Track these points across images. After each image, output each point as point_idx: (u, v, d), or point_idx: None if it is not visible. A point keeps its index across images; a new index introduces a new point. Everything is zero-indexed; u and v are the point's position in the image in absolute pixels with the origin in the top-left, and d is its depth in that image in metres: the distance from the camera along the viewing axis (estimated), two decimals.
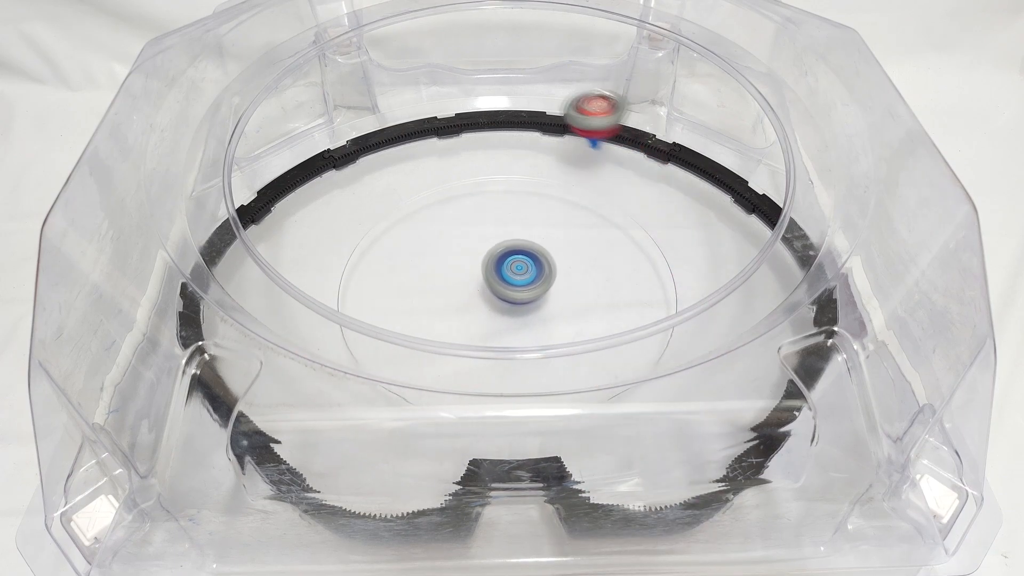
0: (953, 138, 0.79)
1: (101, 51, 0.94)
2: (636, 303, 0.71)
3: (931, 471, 0.50)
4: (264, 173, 0.80)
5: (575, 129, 0.79)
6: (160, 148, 0.63)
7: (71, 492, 0.47)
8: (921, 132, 0.56)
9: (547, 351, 0.51)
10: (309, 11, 0.78)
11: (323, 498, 0.50)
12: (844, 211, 0.61)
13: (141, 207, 0.58)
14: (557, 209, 0.79)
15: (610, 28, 0.85)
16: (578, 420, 0.53)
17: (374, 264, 0.74)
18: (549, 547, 0.50)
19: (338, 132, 0.85)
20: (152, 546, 0.48)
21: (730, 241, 0.76)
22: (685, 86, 0.85)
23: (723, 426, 0.56)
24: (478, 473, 0.50)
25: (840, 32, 0.69)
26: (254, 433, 0.52)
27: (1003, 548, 0.57)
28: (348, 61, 0.82)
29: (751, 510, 0.51)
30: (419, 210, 0.79)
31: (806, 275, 0.57)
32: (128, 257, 0.57)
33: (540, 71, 0.88)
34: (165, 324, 0.57)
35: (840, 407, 0.54)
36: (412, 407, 0.55)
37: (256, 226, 0.77)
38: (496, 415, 0.52)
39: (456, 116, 0.86)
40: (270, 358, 0.52)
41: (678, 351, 0.63)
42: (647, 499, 0.50)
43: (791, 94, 0.71)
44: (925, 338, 0.52)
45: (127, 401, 0.53)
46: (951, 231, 0.50)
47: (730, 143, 0.82)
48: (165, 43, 0.68)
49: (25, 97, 0.95)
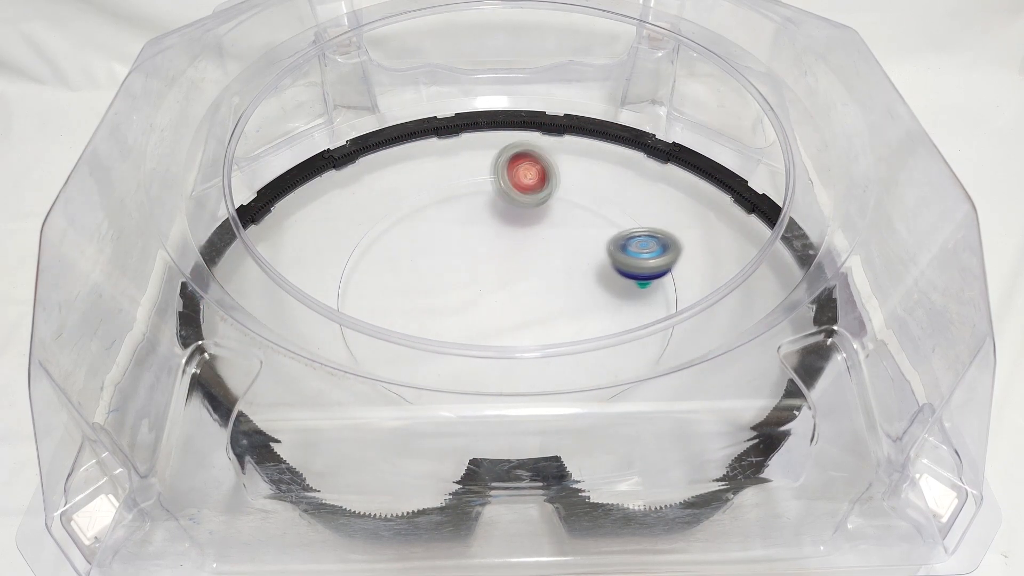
0: (953, 138, 0.79)
1: (101, 51, 0.94)
2: (636, 303, 0.71)
3: (931, 470, 0.50)
4: (264, 173, 0.80)
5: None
6: (160, 148, 0.63)
7: (71, 492, 0.47)
8: (921, 132, 0.56)
9: (547, 351, 0.51)
10: (309, 11, 0.78)
11: (323, 497, 0.50)
12: (844, 211, 0.61)
13: (141, 207, 0.58)
14: (557, 209, 0.79)
15: (610, 28, 0.86)
16: (578, 419, 0.53)
17: (374, 264, 0.74)
18: (549, 546, 0.50)
19: (338, 132, 0.85)
20: (152, 545, 0.48)
21: (730, 241, 0.76)
22: (685, 86, 0.85)
23: (723, 425, 0.56)
24: (478, 472, 0.50)
25: (840, 32, 0.69)
26: (254, 432, 0.52)
27: (1003, 547, 0.57)
28: (348, 61, 0.82)
29: (751, 509, 0.51)
30: (419, 210, 0.79)
31: (806, 274, 0.57)
32: (128, 257, 0.57)
33: (540, 71, 0.88)
34: (165, 324, 0.57)
35: (840, 406, 0.54)
36: (412, 406, 0.55)
37: (256, 226, 0.77)
38: (496, 414, 0.52)
39: (456, 116, 0.87)
40: (270, 358, 0.52)
41: (678, 350, 0.64)
42: (647, 498, 0.50)
43: (791, 94, 0.71)
44: (924, 337, 0.52)
45: (127, 401, 0.53)
46: (951, 231, 0.50)
47: (730, 143, 0.82)
48: (165, 43, 0.68)
49: (25, 97, 0.95)
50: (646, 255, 0.66)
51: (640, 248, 0.66)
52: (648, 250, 0.66)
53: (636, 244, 0.67)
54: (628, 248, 0.67)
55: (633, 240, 0.67)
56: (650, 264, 0.66)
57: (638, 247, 0.67)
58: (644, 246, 0.66)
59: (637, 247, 0.67)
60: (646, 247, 0.66)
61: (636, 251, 0.66)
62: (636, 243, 0.67)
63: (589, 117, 0.87)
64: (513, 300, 0.71)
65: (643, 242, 0.67)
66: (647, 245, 0.67)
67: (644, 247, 0.66)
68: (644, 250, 0.66)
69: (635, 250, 0.66)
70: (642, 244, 0.67)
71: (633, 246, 0.67)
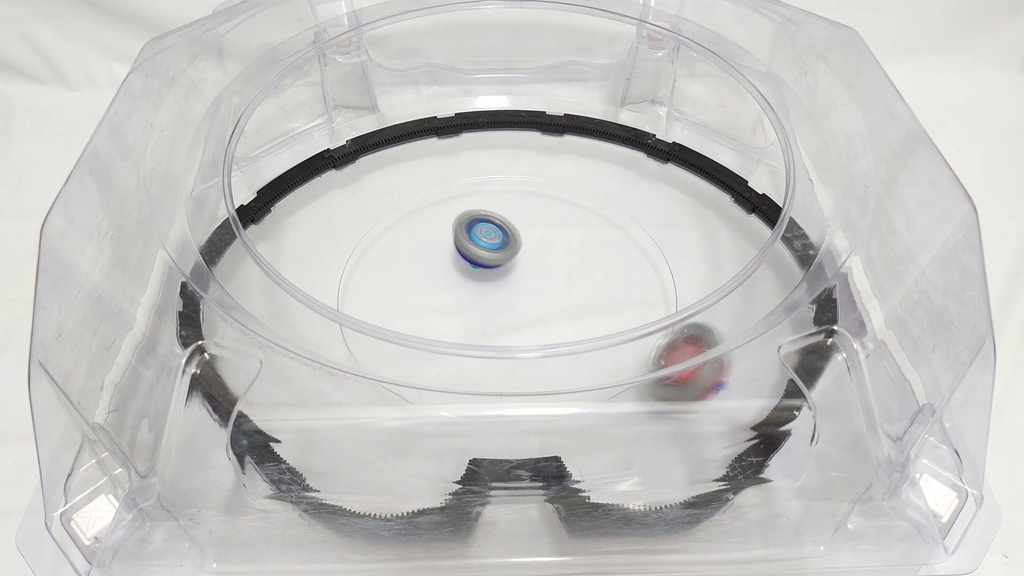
0: (953, 138, 0.79)
1: (101, 51, 0.94)
2: (636, 303, 0.71)
3: (931, 470, 0.50)
4: (264, 173, 0.80)
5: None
6: (160, 148, 0.63)
7: (71, 492, 0.47)
8: (921, 132, 0.56)
9: (547, 351, 0.51)
10: (309, 11, 0.78)
11: (323, 497, 0.50)
12: (844, 211, 0.61)
13: (141, 207, 0.58)
14: (557, 209, 0.79)
15: (610, 28, 0.86)
16: (578, 419, 0.53)
17: (374, 264, 0.74)
18: (549, 546, 0.50)
19: (338, 132, 0.85)
20: (152, 545, 0.48)
21: (730, 241, 0.76)
22: (685, 86, 0.85)
23: (723, 425, 0.56)
24: (478, 472, 0.50)
25: (840, 32, 0.69)
26: (254, 432, 0.52)
27: (1003, 548, 0.57)
28: (348, 61, 0.82)
29: (751, 509, 0.51)
30: (419, 210, 0.79)
31: (806, 274, 0.57)
32: (128, 257, 0.57)
33: (540, 71, 0.88)
34: (165, 324, 0.57)
35: (840, 406, 0.54)
36: (412, 406, 0.55)
37: (256, 226, 0.77)
38: (496, 414, 0.52)
39: (456, 116, 0.87)
40: (270, 358, 0.52)
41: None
42: (647, 498, 0.50)
43: (791, 94, 0.71)
44: (925, 337, 0.52)
45: (127, 401, 0.53)
46: (951, 231, 0.50)
47: (730, 143, 0.82)
48: (165, 43, 0.68)
49: (25, 97, 0.95)
50: (484, 243, 0.68)
51: (483, 235, 0.69)
52: (489, 240, 0.68)
53: (482, 229, 0.69)
54: (472, 230, 0.69)
55: (481, 224, 0.70)
56: (482, 255, 0.68)
57: (482, 233, 0.69)
58: (488, 234, 0.68)
59: (481, 232, 0.69)
60: (489, 235, 0.68)
61: (478, 236, 0.68)
62: (482, 228, 0.69)
63: (589, 117, 0.87)
64: (513, 300, 0.71)
65: (489, 229, 0.69)
66: (491, 234, 0.68)
67: (488, 235, 0.68)
68: (486, 238, 0.69)
69: (478, 235, 0.69)
70: (487, 232, 0.69)
71: (478, 230, 0.69)
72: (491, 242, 0.69)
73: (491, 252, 0.68)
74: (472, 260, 0.69)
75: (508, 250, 0.70)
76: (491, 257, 0.68)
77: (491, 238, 0.69)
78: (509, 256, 0.70)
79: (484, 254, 0.68)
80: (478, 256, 0.68)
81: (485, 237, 0.69)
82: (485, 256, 0.68)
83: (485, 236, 0.69)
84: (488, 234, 0.69)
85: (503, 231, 0.70)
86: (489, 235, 0.69)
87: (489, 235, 0.69)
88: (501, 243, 0.69)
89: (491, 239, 0.69)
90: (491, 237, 0.69)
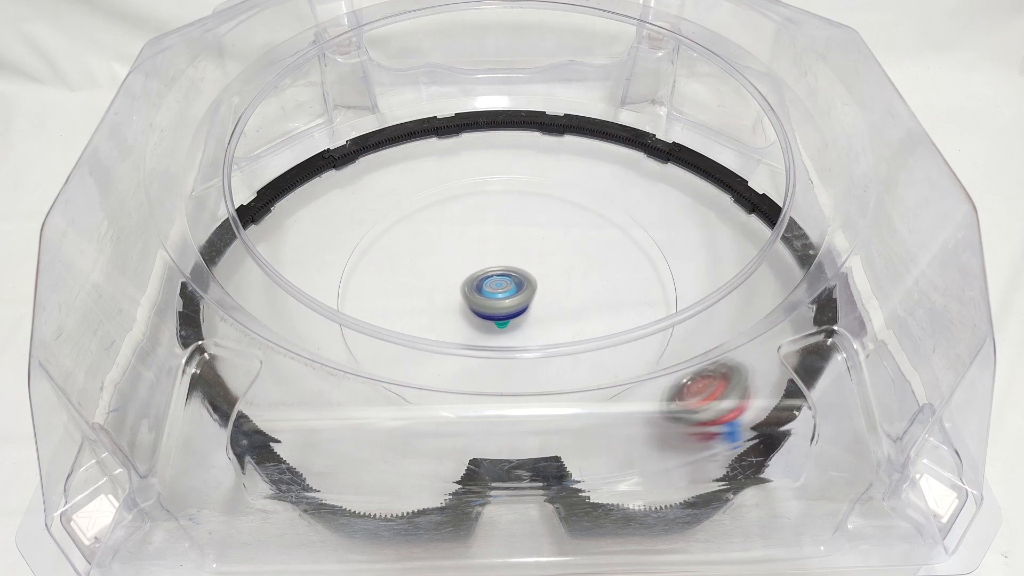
0: (953, 138, 0.79)
1: (101, 51, 0.94)
2: (636, 303, 0.71)
3: (931, 470, 0.50)
4: (264, 173, 0.80)
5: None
6: (160, 148, 0.63)
7: (71, 492, 0.47)
8: (921, 132, 0.56)
9: (547, 351, 0.51)
10: (309, 11, 0.78)
11: (323, 497, 0.50)
12: (844, 211, 0.61)
13: (141, 207, 0.58)
14: (557, 209, 0.79)
15: (610, 28, 0.85)
16: (578, 419, 0.53)
17: (374, 264, 0.74)
18: (549, 546, 0.50)
19: (338, 132, 0.85)
20: (152, 545, 0.48)
21: (730, 241, 0.76)
22: (685, 86, 0.85)
23: (723, 425, 0.55)
24: (478, 472, 0.50)
25: (840, 32, 0.69)
26: (254, 433, 0.52)
27: (1003, 548, 0.57)
28: (348, 61, 0.82)
29: (751, 509, 0.51)
30: (419, 210, 0.79)
31: (806, 274, 0.57)
32: (128, 257, 0.57)
33: (540, 71, 0.88)
34: (165, 324, 0.57)
35: (840, 406, 0.54)
36: (412, 406, 0.55)
37: (256, 226, 0.77)
38: (496, 414, 0.52)
39: (456, 116, 0.87)
40: (270, 358, 0.52)
41: (678, 350, 0.63)
42: (647, 498, 0.50)
43: (791, 94, 0.71)
44: (925, 337, 0.52)
45: (127, 401, 0.53)
46: (951, 231, 0.50)
47: (730, 143, 0.82)
48: (165, 43, 0.68)
49: (25, 97, 0.95)
50: (501, 295, 0.65)
51: (495, 288, 0.66)
52: (503, 289, 0.66)
53: (491, 284, 0.66)
54: (483, 289, 0.66)
55: (488, 280, 0.67)
56: (505, 304, 0.65)
57: (493, 287, 0.66)
58: (499, 285, 0.66)
59: (492, 287, 0.66)
60: (500, 287, 0.66)
61: (491, 291, 0.66)
62: (491, 283, 0.66)
63: (589, 117, 0.87)
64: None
65: (498, 281, 0.66)
66: (502, 284, 0.66)
67: (499, 287, 0.66)
68: (499, 290, 0.66)
69: (490, 290, 0.66)
70: (497, 284, 0.66)
71: (488, 286, 0.66)
72: (506, 291, 0.66)
73: (510, 299, 0.65)
74: (494, 316, 0.66)
75: (526, 292, 0.66)
76: (512, 304, 0.65)
77: (504, 287, 0.66)
78: (529, 297, 0.66)
79: (505, 303, 0.65)
80: (500, 308, 0.65)
81: (498, 289, 0.66)
82: (507, 305, 0.65)
83: (497, 288, 0.66)
84: (499, 285, 0.66)
85: (509, 277, 0.67)
86: (500, 285, 0.66)
87: (500, 285, 0.66)
88: (516, 288, 0.66)
89: (504, 288, 0.66)
90: (503, 287, 0.66)
